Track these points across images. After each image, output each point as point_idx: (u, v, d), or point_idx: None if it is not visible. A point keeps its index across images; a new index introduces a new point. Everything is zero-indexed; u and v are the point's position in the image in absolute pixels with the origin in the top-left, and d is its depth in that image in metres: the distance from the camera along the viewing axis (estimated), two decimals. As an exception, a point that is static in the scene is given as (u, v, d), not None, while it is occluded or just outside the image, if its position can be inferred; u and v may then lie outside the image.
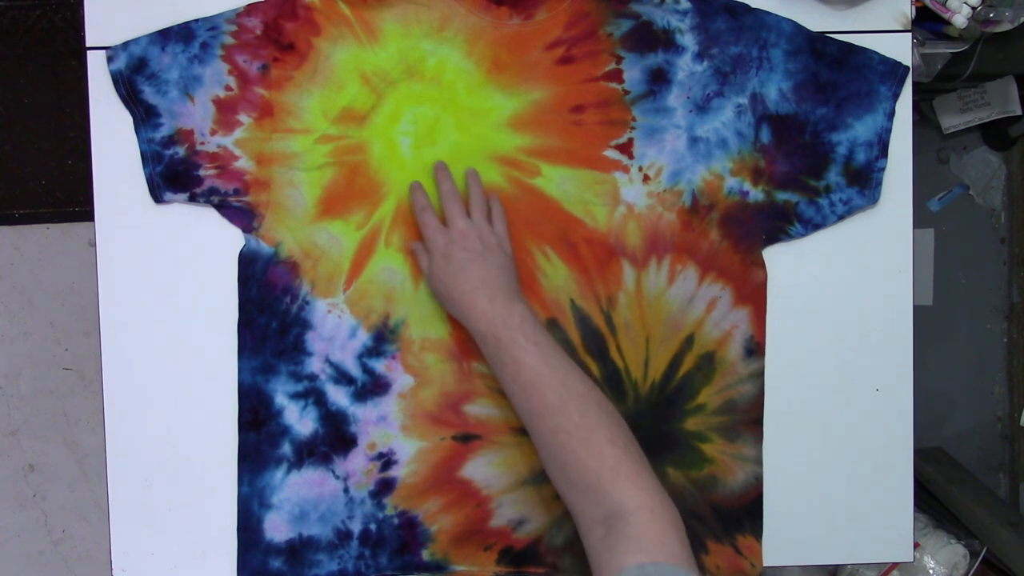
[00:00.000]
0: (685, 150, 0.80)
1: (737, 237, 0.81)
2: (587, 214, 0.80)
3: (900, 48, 0.82)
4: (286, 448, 0.79)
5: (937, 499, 1.37)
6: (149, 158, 0.78)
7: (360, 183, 0.79)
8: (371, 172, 0.79)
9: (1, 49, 1.54)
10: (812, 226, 0.81)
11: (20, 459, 1.58)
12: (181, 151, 0.78)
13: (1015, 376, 1.59)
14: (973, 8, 0.87)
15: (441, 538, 0.80)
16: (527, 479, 0.80)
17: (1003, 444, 1.61)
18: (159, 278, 0.80)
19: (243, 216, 0.79)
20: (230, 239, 0.79)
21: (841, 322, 0.83)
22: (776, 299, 0.82)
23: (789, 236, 0.81)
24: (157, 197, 0.78)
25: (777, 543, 0.82)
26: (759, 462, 0.82)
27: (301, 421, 0.79)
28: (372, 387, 0.79)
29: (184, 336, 0.80)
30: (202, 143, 0.77)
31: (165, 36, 0.77)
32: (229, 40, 0.77)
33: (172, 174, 0.78)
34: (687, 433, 0.81)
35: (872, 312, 0.83)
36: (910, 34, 0.82)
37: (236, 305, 0.79)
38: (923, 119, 1.46)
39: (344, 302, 0.79)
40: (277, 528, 0.79)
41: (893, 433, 0.83)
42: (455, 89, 0.79)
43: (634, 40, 0.79)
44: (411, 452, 0.80)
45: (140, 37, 0.77)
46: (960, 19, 0.87)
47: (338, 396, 0.79)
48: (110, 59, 0.77)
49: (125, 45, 0.77)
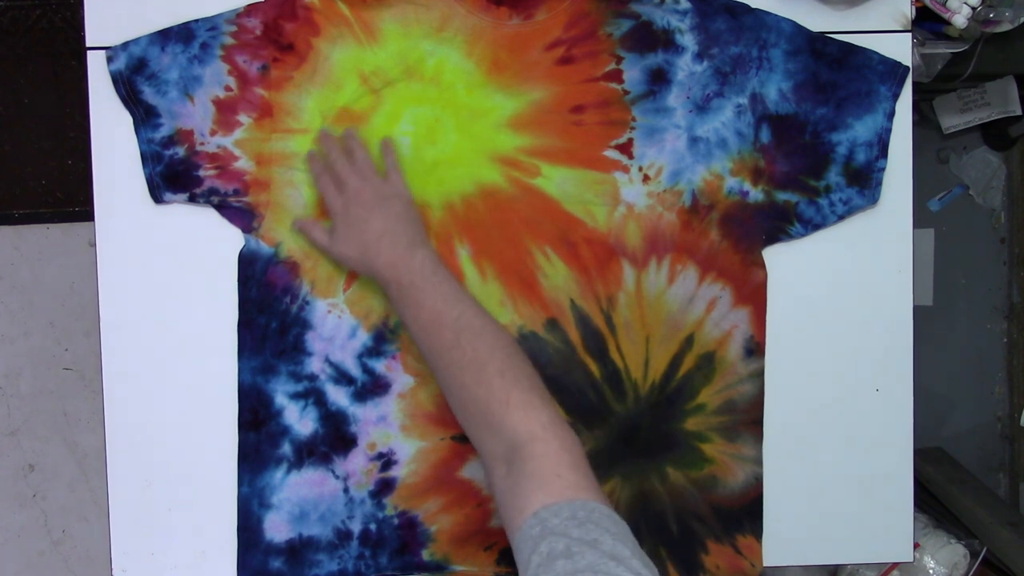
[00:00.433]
0: (685, 150, 0.80)
1: (737, 237, 0.81)
2: (587, 214, 0.80)
3: (900, 48, 0.82)
4: (286, 448, 0.79)
5: (937, 499, 1.37)
6: (149, 158, 0.78)
7: (360, 183, 0.79)
8: (371, 172, 0.79)
9: (1, 49, 1.54)
10: (812, 226, 0.81)
11: (20, 459, 1.58)
12: (181, 151, 0.78)
13: (1015, 376, 1.59)
14: (973, 8, 0.86)
15: (441, 538, 0.80)
16: (527, 479, 0.80)
17: (1003, 444, 1.61)
18: (159, 278, 0.80)
19: (243, 216, 0.79)
20: (230, 239, 0.79)
21: (841, 322, 0.83)
22: (776, 299, 0.82)
23: (789, 236, 0.81)
24: (157, 197, 0.78)
25: (777, 543, 0.82)
26: (759, 462, 0.82)
27: (301, 421, 0.79)
28: (372, 387, 0.79)
29: (184, 336, 0.80)
30: (202, 143, 0.77)
31: (165, 36, 0.77)
32: (229, 40, 0.77)
33: (172, 174, 0.78)
34: (687, 433, 0.81)
35: (872, 312, 0.83)
36: (910, 34, 0.82)
37: (236, 305, 0.79)
38: (923, 119, 1.46)
39: (344, 302, 0.79)
40: (277, 528, 0.79)
41: (893, 433, 0.83)
42: (455, 89, 0.79)
43: (634, 40, 0.79)
44: (411, 452, 0.80)
45: (140, 37, 0.77)
46: (960, 19, 0.87)
47: (338, 396, 0.79)
48: (110, 59, 0.77)
49: (125, 45, 0.77)
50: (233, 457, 0.79)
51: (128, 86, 0.77)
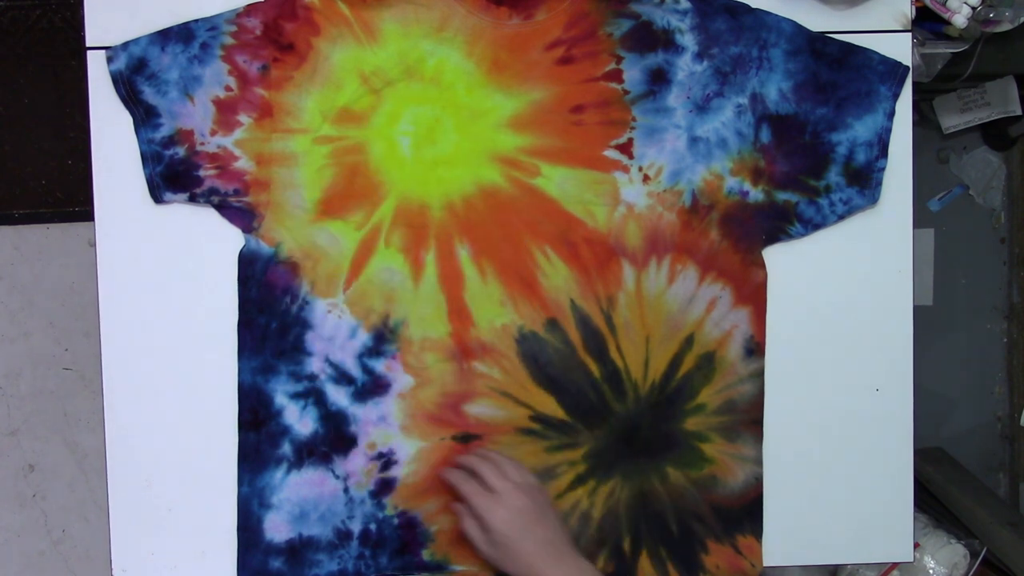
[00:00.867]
0: (685, 150, 0.80)
1: (737, 237, 0.81)
2: (587, 214, 0.80)
3: (900, 48, 0.82)
4: (286, 448, 0.79)
5: (937, 499, 1.37)
6: (149, 158, 0.78)
7: (360, 183, 0.79)
8: (371, 172, 0.79)
9: (1, 49, 1.54)
10: (812, 226, 0.81)
11: (20, 459, 1.58)
12: (181, 151, 0.78)
13: (1015, 376, 1.59)
14: (973, 8, 0.86)
15: (441, 538, 0.80)
16: (527, 479, 0.80)
17: (1003, 444, 1.61)
18: (159, 278, 0.80)
19: (243, 216, 0.79)
20: (230, 239, 0.79)
21: (841, 322, 0.83)
22: (776, 299, 0.82)
23: (789, 236, 0.81)
24: (157, 197, 0.78)
25: (777, 543, 0.83)
26: (759, 462, 0.82)
27: (301, 421, 0.79)
28: (372, 387, 0.79)
29: (184, 336, 0.80)
30: (202, 143, 0.77)
31: (165, 36, 0.77)
32: (229, 40, 0.77)
33: (172, 174, 0.78)
34: (687, 433, 0.81)
35: (872, 312, 0.83)
36: (910, 34, 0.82)
37: (236, 305, 0.79)
38: (923, 119, 1.46)
39: (344, 302, 0.79)
40: (277, 528, 0.79)
41: (893, 433, 0.83)
42: (455, 89, 0.79)
43: (634, 40, 0.79)
44: (411, 452, 0.80)
45: (140, 37, 0.77)
46: (960, 19, 0.87)
47: (338, 396, 0.79)
48: (110, 59, 0.77)
49: (125, 45, 0.77)
50: (233, 457, 0.79)
51: (128, 86, 0.77)
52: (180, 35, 0.77)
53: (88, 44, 0.79)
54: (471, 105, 0.79)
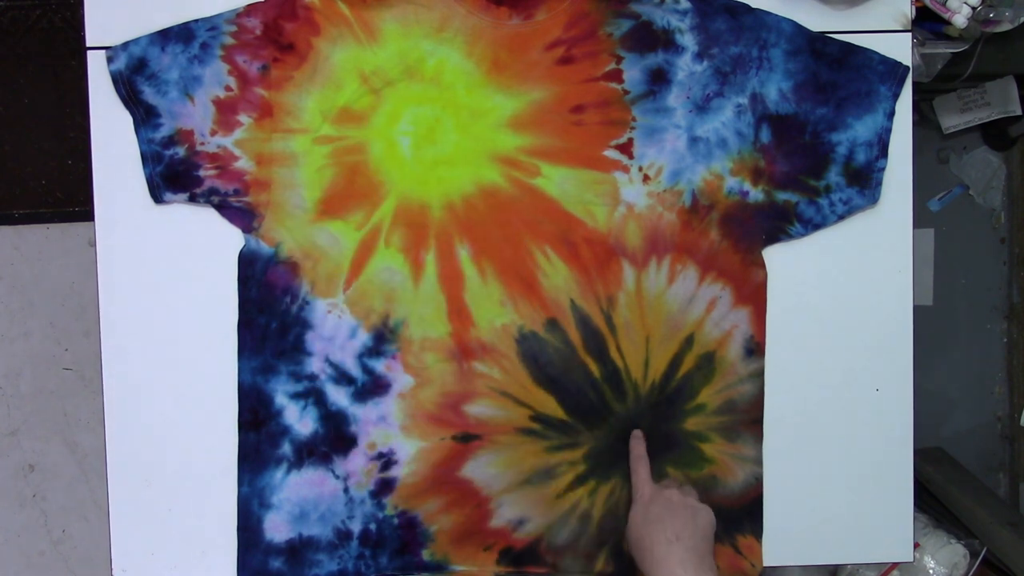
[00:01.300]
0: (685, 150, 0.80)
1: (737, 237, 0.81)
2: (587, 214, 0.80)
3: (900, 48, 0.82)
4: (286, 448, 0.79)
5: (937, 499, 1.37)
6: (149, 158, 0.78)
7: (360, 183, 0.79)
8: (371, 172, 0.79)
9: (1, 49, 1.54)
10: (812, 226, 0.81)
11: (20, 459, 1.58)
12: (181, 151, 0.78)
13: (1015, 376, 1.59)
14: (973, 8, 0.86)
15: (441, 538, 0.80)
16: (527, 479, 0.80)
17: (1003, 444, 1.61)
18: (159, 278, 0.80)
19: (243, 216, 0.79)
20: (230, 239, 0.79)
21: (841, 322, 0.83)
22: (776, 299, 0.82)
23: (789, 236, 0.81)
24: (157, 197, 0.79)
25: (777, 543, 0.82)
26: (759, 462, 0.82)
27: (301, 421, 0.79)
28: (372, 387, 0.79)
29: (184, 336, 0.80)
30: (202, 143, 0.77)
31: (165, 36, 0.77)
32: (229, 40, 0.77)
33: (172, 174, 0.78)
34: (687, 433, 0.81)
35: (872, 312, 0.83)
36: (910, 34, 0.82)
37: (236, 305, 0.79)
38: (923, 119, 1.46)
39: (344, 302, 0.79)
40: (277, 528, 0.79)
41: (893, 433, 0.83)
42: (455, 89, 0.79)
43: (634, 40, 0.79)
44: (411, 452, 0.80)
45: (140, 37, 0.77)
46: (960, 19, 0.87)
47: (338, 396, 0.79)
48: (110, 59, 0.77)
49: (125, 45, 0.77)
50: (233, 457, 0.79)
51: (128, 86, 0.77)
52: (180, 35, 0.77)
53: (88, 44, 0.79)
54: (471, 105, 0.79)
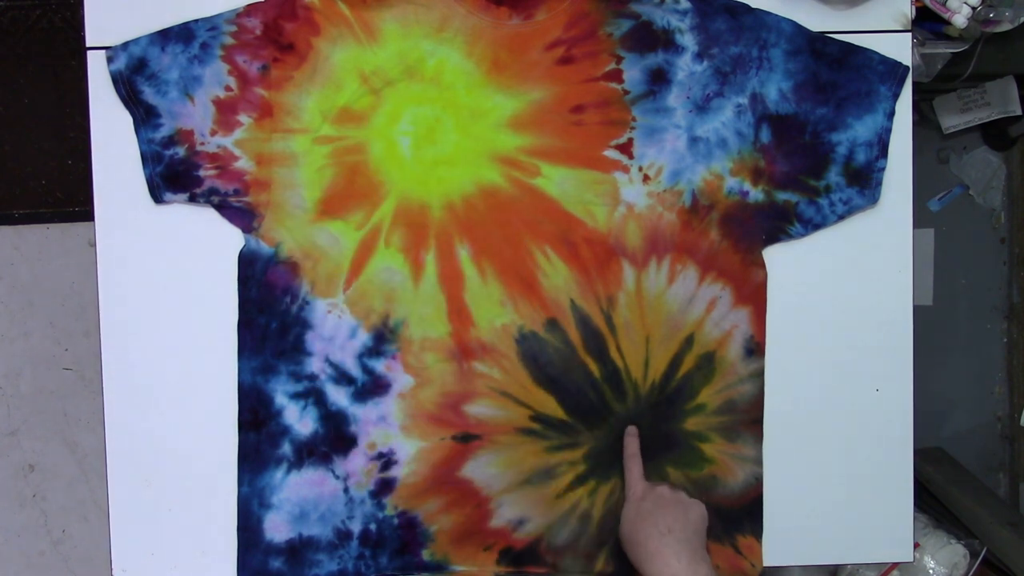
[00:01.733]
0: (685, 150, 0.80)
1: (737, 237, 0.81)
2: (587, 214, 0.80)
3: (900, 48, 0.82)
4: (286, 448, 0.79)
5: (937, 499, 1.37)
6: (149, 158, 0.78)
7: (360, 183, 0.79)
8: (371, 172, 0.79)
9: (1, 49, 1.54)
10: (812, 226, 0.81)
11: (20, 459, 1.58)
12: (181, 151, 0.78)
13: (1015, 376, 1.59)
14: (973, 8, 0.86)
15: (441, 538, 0.80)
16: (527, 479, 0.80)
17: (1003, 444, 1.61)
18: (159, 278, 0.80)
19: (243, 216, 0.79)
20: (230, 239, 0.79)
21: (841, 322, 0.83)
22: (776, 299, 0.82)
23: (789, 236, 0.81)
24: (157, 197, 0.79)
25: (777, 543, 0.82)
26: (759, 462, 0.82)
27: (301, 421, 0.79)
28: (372, 387, 0.79)
29: (184, 336, 0.80)
30: (202, 143, 0.77)
31: (165, 36, 0.77)
32: (229, 40, 0.77)
33: (172, 174, 0.78)
34: (687, 433, 0.81)
35: (872, 312, 0.83)
36: (910, 34, 0.82)
37: (236, 305, 0.79)
38: (923, 119, 1.46)
39: (344, 302, 0.79)
40: (277, 528, 0.79)
41: (893, 433, 0.83)
42: (455, 89, 0.79)
43: (634, 40, 0.79)
44: (411, 452, 0.80)
45: (140, 37, 0.77)
46: (960, 19, 0.87)
47: (338, 396, 0.79)
48: (110, 59, 0.77)
49: (125, 45, 0.77)
50: (233, 457, 0.79)
51: (128, 86, 0.77)
52: (180, 35, 0.77)
53: (88, 44, 0.79)
54: (471, 105, 0.79)
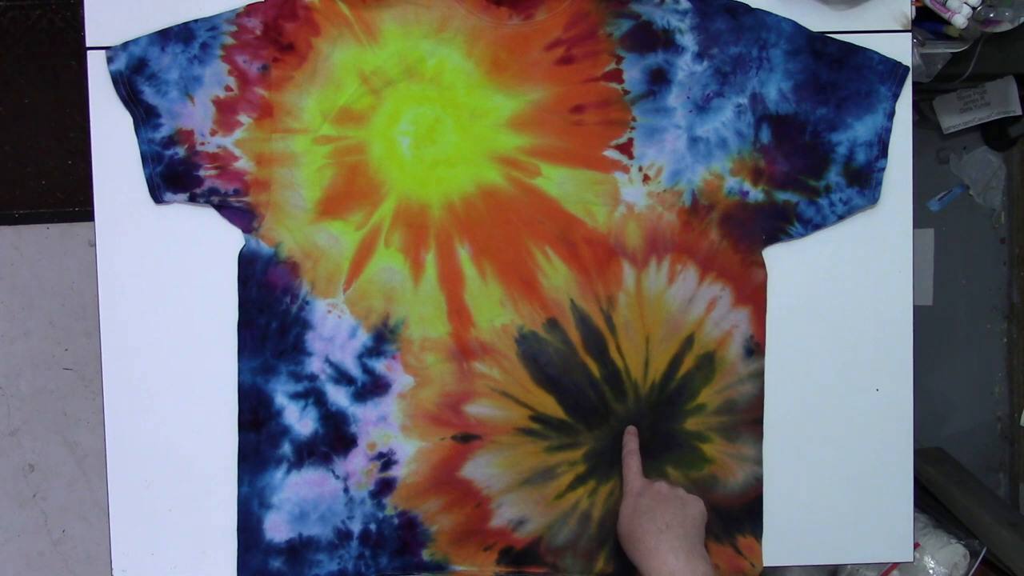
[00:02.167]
0: (685, 150, 0.80)
1: (737, 237, 0.81)
2: (587, 214, 0.80)
3: (900, 48, 0.82)
4: (286, 448, 0.79)
5: (937, 499, 1.37)
6: (149, 158, 0.78)
7: (360, 183, 0.79)
8: (371, 172, 0.79)
9: (1, 49, 1.54)
10: (812, 226, 0.81)
11: (20, 459, 1.58)
12: (181, 151, 0.78)
13: (1015, 376, 1.59)
14: (973, 8, 0.86)
15: (441, 538, 0.80)
16: (527, 479, 0.80)
17: (1003, 444, 1.61)
18: (159, 278, 0.80)
19: (243, 216, 0.79)
20: (230, 239, 0.79)
21: (841, 322, 0.83)
22: (776, 299, 0.82)
23: (789, 236, 0.81)
24: (157, 197, 0.79)
25: (777, 543, 0.82)
26: (759, 462, 0.82)
27: (301, 421, 0.79)
28: (372, 387, 0.79)
29: (184, 336, 0.80)
30: (202, 143, 0.77)
31: (165, 36, 0.77)
32: (229, 40, 0.77)
33: (172, 174, 0.78)
34: (687, 433, 0.81)
35: (872, 312, 0.83)
36: (910, 34, 0.82)
37: (236, 305, 0.79)
38: (923, 119, 1.46)
39: (344, 302, 0.79)
40: (277, 528, 0.79)
41: (893, 433, 0.83)
42: (455, 89, 0.79)
43: (634, 40, 0.79)
44: (411, 452, 0.80)
45: (140, 37, 0.77)
46: (960, 19, 0.87)
47: (338, 396, 0.79)
48: (110, 60, 0.77)
49: (125, 45, 0.77)
50: (233, 457, 0.79)
51: (128, 86, 0.77)
52: (180, 35, 0.77)
53: (88, 44, 0.79)
54: (471, 105, 0.79)
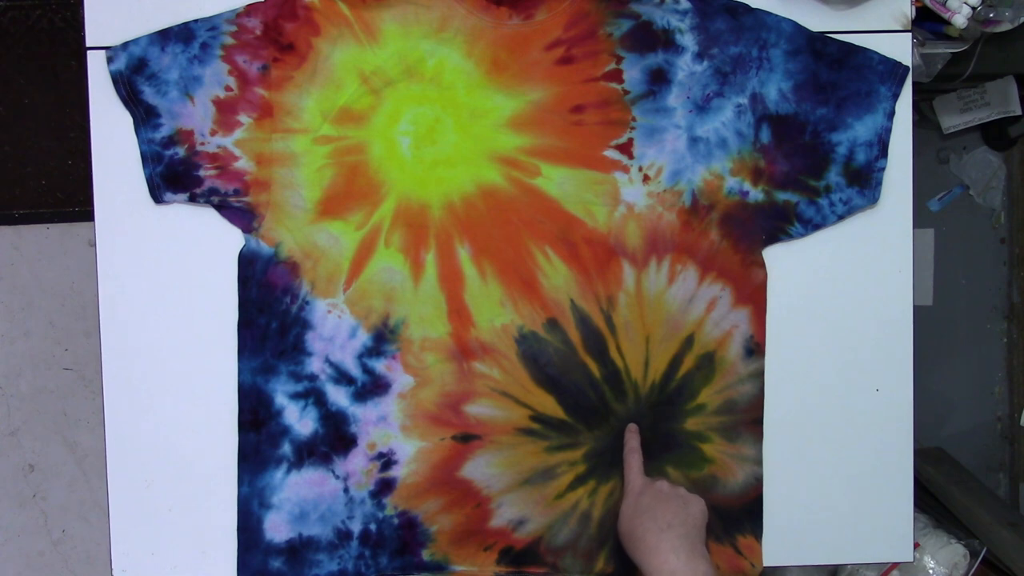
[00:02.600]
0: (685, 150, 0.80)
1: (737, 237, 0.81)
2: (587, 214, 0.80)
3: (900, 48, 0.82)
4: (286, 448, 0.79)
5: (937, 499, 1.37)
6: (149, 158, 0.78)
7: (360, 183, 0.79)
8: (371, 172, 0.79)
9: (1, 49, 1.54)
10: (812, 226, 0.81)
11: (20, 459, 1.58)
12: (181, 151, 0.78)
13: (1015, 376, 1.59)
14: (973, 8, 0.86)
15: (441, 538, 0.80)
16: (527, 479, 0.80)
17: (1003, 444, 1.61)
18: (159, 278, 0.80)
19: (243, 216, 0.79)
20: (230, 239, 0.79)
21: (841, 322, 0.83)
22: (776, 299, 0.82)
23: (789, 236, 0.81)
24: (157, 197, 0.79)
25: (777, 543, 0.83)
26: (759, 462, 0.82)
27: (301, 421, 0.79)
28: (372, 387, 0.79)
29: (184, 336, 0.80)
30: (202, 143, 0.77)
31: (165, 36, 0.77)
32: (229, 40, 0.77)
33: (172, 174, 0.78)
34: (687, 433, 0.81)
35: (872, 312, 0.83)
36: (910, 34, 0.82)
37: (236, 305, 0.79)
38: (923, 119, 1.46)
39: (344, 302, 0.79)
40: (277, 528, 0.79)
41: (893, 433, 0.83)
42: (455, 89, 0.79)
43: (634, 40, 0.79)
44: (411, 452, 0.80)
45: (140, 37, 0.77)
46: (960, 19, 0.87)
47: (338, 396, 0.79)
48: (110, 60, 0.77)
49: (125, 45, 0.77)
50: (233, 457, 0.79)
51: (128, 86, 0.77)
52: (180, 35, 0.77)
53: (88, 44, 0.79)
54: (471, 105, 0.79)
